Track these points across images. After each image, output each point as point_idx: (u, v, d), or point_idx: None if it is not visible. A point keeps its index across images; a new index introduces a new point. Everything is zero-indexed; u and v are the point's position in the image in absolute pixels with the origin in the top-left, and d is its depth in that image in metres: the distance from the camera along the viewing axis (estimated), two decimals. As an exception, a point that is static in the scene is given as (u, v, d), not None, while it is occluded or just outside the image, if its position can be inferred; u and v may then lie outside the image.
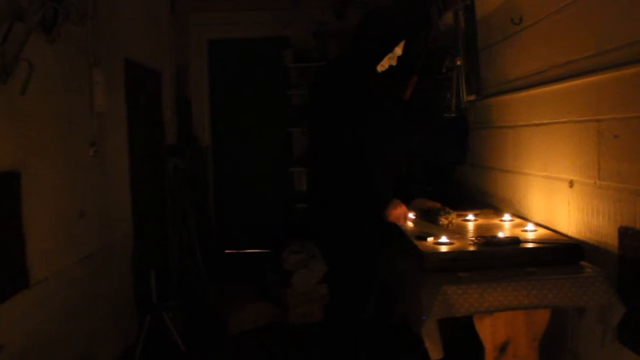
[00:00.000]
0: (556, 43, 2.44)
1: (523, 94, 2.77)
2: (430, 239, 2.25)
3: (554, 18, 2.45)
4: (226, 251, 5.63)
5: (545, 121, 2.55)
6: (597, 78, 2.11)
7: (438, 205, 2.71)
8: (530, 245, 2.16)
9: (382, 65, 2.60)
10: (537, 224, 2.51)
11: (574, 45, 2.29)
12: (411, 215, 2.59)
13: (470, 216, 2.73)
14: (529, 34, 2.71)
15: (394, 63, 2.62)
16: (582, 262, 2.08)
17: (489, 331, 2.02)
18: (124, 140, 3.54)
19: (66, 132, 2.74)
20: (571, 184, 2.32)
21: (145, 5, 4.14)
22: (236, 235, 5.70)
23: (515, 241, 2.16)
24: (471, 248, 2.15)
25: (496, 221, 2.67)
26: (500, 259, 2.08)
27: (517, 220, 2.65)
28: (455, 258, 2.07)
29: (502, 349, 2.03)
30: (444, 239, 2.22)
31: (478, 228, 2.53)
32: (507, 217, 2.68)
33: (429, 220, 2.58)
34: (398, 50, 2.61)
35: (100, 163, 3.11)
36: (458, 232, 2.40)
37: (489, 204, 3.24)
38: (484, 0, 3.05)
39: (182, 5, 5.00)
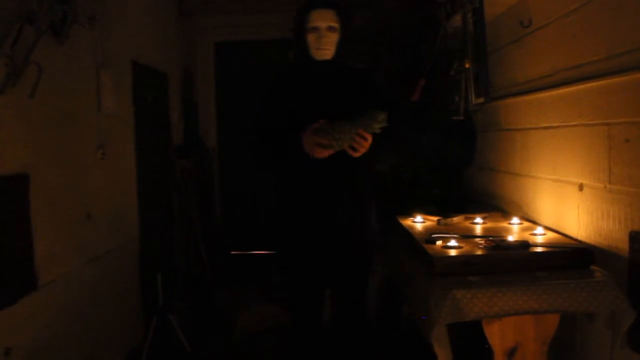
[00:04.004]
0: (566, 46, 2.43)
1: (532, 97, 2.75)
2: (439, 243, 2.24)
3: (563, 21, 2.44)
4: (232, 252, 5.63)
5: (555, 124, 2.54)
6: (607, 82, 2.09)
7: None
8: (539, 249, 2.14)
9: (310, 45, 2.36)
10: (546, 228, 2.49)
11: (584, 49, 2.28)
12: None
13: (478, 219, 2.72)
14: (538, 37, 2.70)
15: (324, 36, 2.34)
16: (592, 267, 2.07)
17: (498, 336, 2.01)
18: (131, 142, 3.54)
19: (74, 134, 2.74)
20: (581, 187, 2.30)
21: (153, 8, 4.14)
22: (242, 236, 5.69)
23: (524, 245, 2.15)
24: (480, 252, 2.14)
25: (505, 224, 2.66)
26: (510, 263, 2.07)
27: (526, 224, 2.64)
28: (465, 262, 2.06)
29: (511, 353, 2.02)
30: (453, 242, 2.21)
31: (486, 231, 2.52)
32: (515, 220, 2.66)
33: (359, 125, 2.21)
34: (315, 22, 2.33)
35: (108, 165, 3.11)
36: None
37: (497, 207, 3.23)
38: (492, 3, 3.04)
39: (190, 8, 5.01)
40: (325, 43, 2.35)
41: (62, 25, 2.47)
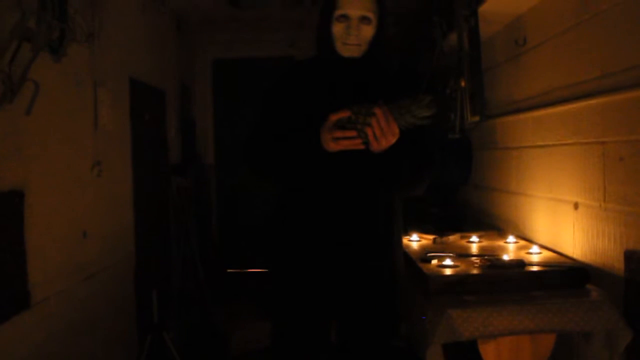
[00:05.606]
0: (561, 65, 2.45)
1: (527, 115, 2.77)
2: (434, 262, 2.23)
3: (558, 40, 2.46)
4: (228, 270, 5.61)
5: (550, 143, 2.54)
6: (602, 100, 2.10)
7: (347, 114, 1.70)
8: (535, 268, 2.14)
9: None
10: (542, 246, 2.49)
11: (579, 67, 2.29)
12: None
13: (474, 237, 2.71)
14: (533, 55, 2.72)
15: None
16: (588, 286, 2.06)
17: (494, 355, 1.99)
18: (127, 159, 3.54)
19: (70, 151, 2.74)
20: (576, 206, 2.30)
21: (151, 25, 4.16)
22: (239, 254, 5.67)
23: (520, 264, 2.14)
24: (475, 271, 2.13)
25: (500, 243, 2.66)
26: (505, 282, 2.06)
27: (522, 242, 2.63)
28: (460, 281, 2.06)
29: (507, 373, 2.01)
30: (448, 261, 2.20)
31: (482, 250, 2.51)
32: (511, 238, 2.66)
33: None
34: (345, 8, 1.81)
35: (104, 182, 3.10)
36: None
37: (493, 225, 3.23)
38: (488, 22, 3.06)
39: (188, 24, 5.04)
40: (355, 37, 1.82)
41: (60, 42, 2.47)
